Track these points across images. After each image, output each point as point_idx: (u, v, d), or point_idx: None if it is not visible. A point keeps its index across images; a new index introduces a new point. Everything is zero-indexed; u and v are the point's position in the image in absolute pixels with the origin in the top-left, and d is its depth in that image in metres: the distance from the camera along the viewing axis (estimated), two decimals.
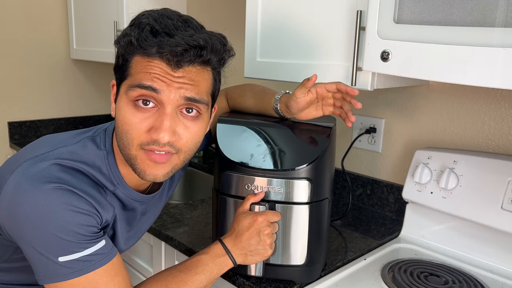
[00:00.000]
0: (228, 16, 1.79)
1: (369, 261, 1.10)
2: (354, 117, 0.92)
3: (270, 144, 0.92)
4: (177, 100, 0.72)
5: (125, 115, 0.73)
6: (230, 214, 0.94)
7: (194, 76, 0.73)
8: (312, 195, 0.91)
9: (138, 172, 0.76)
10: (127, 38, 0.72)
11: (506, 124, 1.13)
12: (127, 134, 0.74)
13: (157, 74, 0.71)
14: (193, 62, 0.72)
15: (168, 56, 0.70)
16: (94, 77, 2.33)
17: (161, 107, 0.72)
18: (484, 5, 0.75)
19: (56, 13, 2.13)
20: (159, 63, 0.71)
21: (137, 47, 0.71)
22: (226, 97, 1.10)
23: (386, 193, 1.38)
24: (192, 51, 0.70)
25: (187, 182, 1.93)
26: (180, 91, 0.72)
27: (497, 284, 1.01)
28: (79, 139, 0.81)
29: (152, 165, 0.75)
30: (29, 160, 0.75)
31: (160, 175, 0.76)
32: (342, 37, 1.04)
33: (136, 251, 1.38)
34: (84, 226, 0.72)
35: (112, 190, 0.81)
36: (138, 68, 0.72)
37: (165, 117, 0.72)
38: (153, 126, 0.72)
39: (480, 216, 1.06)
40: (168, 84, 0.71)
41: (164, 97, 0.71)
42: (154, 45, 0.70)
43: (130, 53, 0.73)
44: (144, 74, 0.71)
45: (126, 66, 0.74)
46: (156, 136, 0.72)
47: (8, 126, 2.08)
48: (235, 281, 0.99)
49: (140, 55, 0.72)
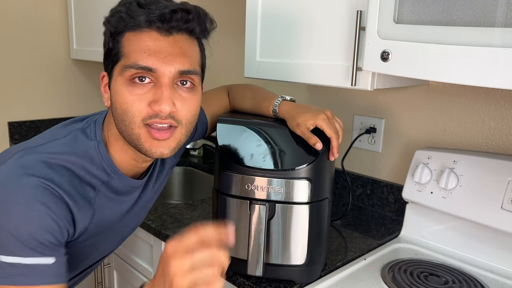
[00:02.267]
0: (228, 16, 1.79)
1: (369, 261, 1.10)
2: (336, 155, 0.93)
3: (270, 144, 0.92)
4: (173, 74, 0.74)
5: (122, 94, 0.75)
6: (230, 214, 0.94)
7: (184, 45, 0.76)
8: (312, 195, 0.91)
9: (144, 151, 0.77)
10: (117, 15, 0.75)
11: (506, 124, 1.13)
12: (127, 113, 0.75)
13: (150, 50, 0.73)
14: (181, 30, 0.75)
15: (158, 24, 0.73)
16: (94, 77, 2.33)
17: (157, 81, 0.74)
18: (484, 5, 0.75)
19: (56, 13, 2.13)
20: (150, 33, 0.73)
21: (127, 20, 0.73)
22: (228, 95, 1.10)
23: (386, 193, 1.38)
24: (180, 13, 0.73)
25: (187, 182, 1.93)
26: (174, 65, 0.74)
27: (497, 284, 1.01)
28: (70, 130, 0.82)
29: (156, 143, 0.77)
30: (19, 152, 0.75)
31: (166, 151, 0.78)
32: (342, 37, 1.04)
33: (136, 251, 1.38)
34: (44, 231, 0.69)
35: (106, 180, 0.82)
36: (130, 46, 0.74)
37: (164, 89, 0.74)
38: (152, 99, 0.74)
39: (480, 216, 1.06)
40: (162, 59, 0.73)
41: (160, 73, 0.74)
42: (143, 14, 0.72)
43: (121, 30, 0.75)
44: (137, 53, 0.73)
45: (117, 47, 0.75)
46: (157, 108, 0.73)
47: (8, 126, 2.08)
48: (235, 281, 0.99)
49: (130, 30, 0.74)
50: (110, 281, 1.53)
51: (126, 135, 0.77)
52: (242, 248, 0.95)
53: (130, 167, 0.85)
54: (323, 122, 0.90)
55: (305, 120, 0.90)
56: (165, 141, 0.77)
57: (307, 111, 0.92)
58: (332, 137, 0.90)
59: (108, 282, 1.54)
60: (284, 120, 0.97)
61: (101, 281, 1.54)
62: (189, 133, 0.81)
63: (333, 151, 0.92)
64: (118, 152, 0.83)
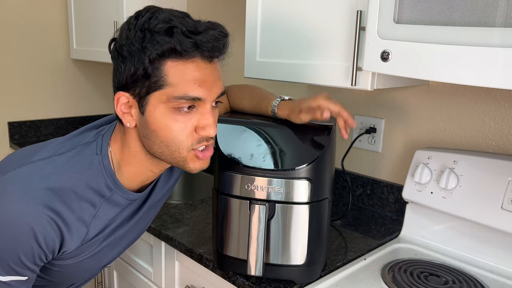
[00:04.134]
0: (228, 16, 1.79)
1: (369, 261, 1.10)
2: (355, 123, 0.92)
3: (270, 144, 0.92)
4: (214, 99, 0.78)
5: (168, 122, 0.75)
6: (230, 214, 0.94)
7: (218, 67, 0.80)
8: (312, 195, 0.91)
9: (189, 169, 0.81)
10: (167, 45, 0.71)
11: (506, 124, 1.13)
12: (175, 140, 0.76)
13: (198, 80, 0.74)
14: (219, 56, 0.78)
15: (203, 54, 0.74)
16: (94, 77, 2.33)
17: (201, 107, 0.77)
18: (484, 5, 0.75)
19: (56, 13, 2.13)
20: (196, 63, 0.74)
21: (179, 52, 0.72)
22: (227, 96, 1.10)
23: (386, 193, 1.38)
24: (222, 41, 0.76)
25: (187, 182, 1.93)
26: (216, 91, 0.77)
27: (497, 284, 1.01)
28: (75, 144, 0.82)
29: (200, 162, 0.81)
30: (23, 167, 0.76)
31: (206, 165, 0.83)
32: (342, 37, 1.04)
33: (136, 251, 1.38)
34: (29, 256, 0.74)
35: (108, 196, 0.82)
36: (178, 76, 0.73)
37: (209, 114, 0.77)
38: (198, 125, 0.77)
39: (480, 216, 1.06)
40: (209, 89, 0.75)
41: (207, 100, 0.76)
42: (192, 45, 0.72)
43: (164, 59, 0.72)
44: (187, 84, 0.73)
45: (159, 75, 0.72)
46: (206, 133, 0.77)
47: (8, 126, 2.08)
48: (235, 281, 0.99)
49: (174, 59, 0.72)
50: (110, 281, 1.53)
51: (170, 158, 0.79)
52: (242, 248, 0.95)
53: (142, 178, 0.86)
54: (326, 101, 0.90)
55: (308, 104, 0.90)
56: (207, 159, 0.82)
57: (306, 99, 0.93)
58: (341, 110, 0.90)
59: (108, 282, 1.54)
60: (284, 120, 0.97)
61: (101, 281, 1.54)
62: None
63: (349, 121, 0.90)
64: (135, 168, 0.83)
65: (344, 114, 0.91)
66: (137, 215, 0.93)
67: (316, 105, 0.89)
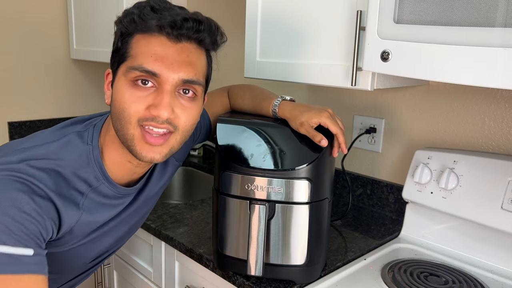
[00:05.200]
0: (228, 16, 1.79)
1: (369, 261, 1.10)
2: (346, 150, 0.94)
3: (270, 144, 0.92)
4: (176, 81, 0.75)
5: (123, 94, 0.75)
6: (230, 214, 0.94)
7: (192, 54, 0.76)
8: (312, 195, 0.91)
9: (135, 153, 0.77)
10: (129, 16, 0.75)
11: (506, 124, 1.13)
12: (125, 112, 0.75)
13: (157, 54, 0.73)
14: (190, 38, 0.76)
15: (168, 30, 0.73)
16: (94, 77, 2.33)
17: (160, 86, 0.75)
18: (484, 5, 0.75)
19: (56, 13, 2.13)
20: (159, 38, 0.74)
21: (138, 22, 0.74)
22: (228, 96, 1.10)
23: (386, 193, 1.38)
24: (191, 22, 0.74)
25: (187, 182, 1.93)
26: (179, 73, 0.74)
27: (497, 284, 1.01)
28: (65, 133, 0.82)
29: (148, 147, 0.77)
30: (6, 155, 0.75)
31: (157, 157, 0.78)
32: (342, 37, 1.04)
33: (136, 251, 1.38)
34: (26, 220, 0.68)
35: (94, 186, 0.81)
36: (138, 48, 0.74)
37: (165, 94, 0.74)
38: (152, 103, 0.74)
39: (480, 216, 1.06)
40: (167, 66, 0.73)
41: (163, 79, 0.74)
42: (155, 18, 0.73)
43: (131, 32, 0.75)
44: (144, 56, 0.73)
45: (126, 48, 0.76)
46: (156, 113, 0.74)
47: (8, 126, 2.08)
48: (235, 281, 0.99)
49: (140, 32, 0.75)
50: (110, 281, 1.53)
51: (121, 134, 0.77)
52: (242, 248, 0.95)
53: (126, 170, 0.85)
54: (327, 120, 0.91)
55: (309, 119, 0.90)
56: (158, 147, 0.77)
57: (309, 110, 0.92)
58: (338, 133, 0.91)
59: (108, 282, 1.54)
60: (284, 120, 0.97)
61: (101, 281, 1.54)
62: (184, 141, 0.81)
63: (342, 146, 0.93)
64: (114, 155, 0.83)
65: (340, 139, 0.92)
66: (130, 209, 0.93)
67: (317, 122, 0.90)
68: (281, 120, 0.97)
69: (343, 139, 0.92)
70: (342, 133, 0.92)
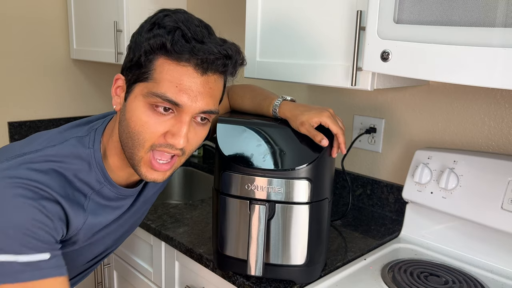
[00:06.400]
0: (228, 16, 1.79)
1: (369, 261, 1.10)
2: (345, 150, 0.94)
3: (270, 144, 0.92)
4: (196, 112, 0.75)
5: (140, 116, 0.74)
6: (230, 214, 0.94)
7: (213, 84, 0.76)
8: (312, 195, 0.91)
9: (139, 173, 0.79)
10: (159, 39, 0.72)
11: (506, 124, 1.13)
12: (140, 135, 0.74)
13: (182, 85, 0.72)
14: (217, 72, 0.75)
15: (198, 62, 0.72)
16: (94, 77, 2.33)
17: (179, 114, 0.74)
18: (484, 5, 0.75)
19: (56, 13, 2.13)
20: (187, 69, 0.72)
21: (169, 49, 0.71)
22: (228, 96, 1.10)
23: (386, 193, 1.38)
24: (221, 60, 0.73)
25: (187, 182, 1.93)
26: (200, 105, 0.74)
27: (497, 284, 1.01)
28: (67, 137, 0.81)
29: (152, 171, 0.78)
30: (9, 161, 0.74)
31: (160, 178, 0.80)
32: (342, 37, 1.04)
33: (136, 251, 1.38)
34: (36, 226, 0.68)
35: (97, 189, 0.82)
36: (163, 74, 0.72)
37: (184, 124, 0.74)
38: (169, 131, 0.74)
39: (480, 216, 1.06)
40: (191, 98, 0.73)
41: (185, 109, 0.73)
42: (187, 51, 0.71)
43: (157, 53, 0.73)
44: (169, 85, 0.72)
45: (148, 67, 0.74)
46: (172, 141, 0.74)
47: (8, 126, 2.08)
48: (235, 281, 0.99)
49: (167, 57, 0.72)
50: (110, 281, 1.53)
51: (128, 152, 0.77)
52: (242, 248, 0.95)
53: (126, 173, 0.86)
54: (328, 119, 0.91)
55: (309, 118, 0.90)
56: (162, 172, 0.79)
57: (309, 110, 0.92)
58: (339, 133, 0.92)
59: (108, 282, 1.54)
60: (284, 120, 0.97)
61: (101, 281, 1.54)
62: (185, 159, 0.82)
63: (341, 146, 0.93)
64: (116, 159, 0.83)
65: (340, 138, 0.92)
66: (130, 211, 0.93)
67: (318, 122, 0.90)
68: (281, 120, 0.97)
69: (343, 139, 0.92)
70: (342, 133, 0.92)
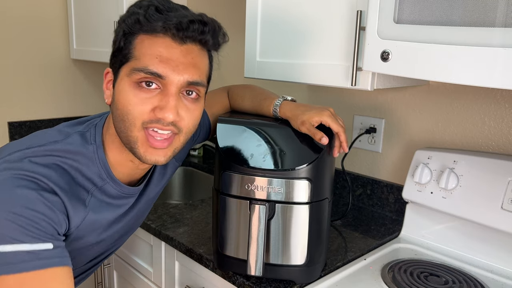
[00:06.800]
0: (228, 16, 1.79)
1: (369, 261, 1.10)
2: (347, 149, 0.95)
3: (270, 144, 0.92)
4: (181, 83, 0.74)
5: (127, 96, 0.74)
6: (230, 214, 0.94)
7: (196, 56, 0.76)
8: (312, 195, 0.91)
9: (139, 155, 0.77)
10: (133, 16, 0.74)
11: (506, 124, 1.13)
12: (129, 115, 0.74)
13: (162, 56, 0.72)
14: (195, 40, 0.75)
15: (173, 31, 0.72)
16: (94, 77, 2.33)
17: (165, 88, 0.74)
18: (484, 5, 0.75)
19: (56, 13, 2.13)
20: (164, 39, 0.73)
21: (143, 23, 0.73)
22: (228, 96, 1.10)
23: (386, 193, 1.38)
24: (196, 24, 0.73)
25: (187, 182, 1.93)
26: (184, 75, 0.74)
27: (497, 284, 1.01)
28: (69, 133, 0.81)
29: (151, 150, 0.77)
30: (12, 155, 0.74)
31: (161, 159, 0.78)
32: (342, 37, 1.04)
33: (136, 251, 1.38)
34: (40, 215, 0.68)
35: (99, 185, 0.81)
36: (142, 49, 0.73)
37: (170, 97, 0.74)
38: (157, 106, 0.74)
39: (480, 216, 1.06)
40: (173, 68, 0.73)
41: (169, 81, 0.73)
42: (160, 19, 0.72)
43: (135, 32, 0.74)
44: (149, 57, 0.73)
45: (129, 48, 0.75)
46: (161, 115, 0.73)
47: (8, 126, 2.08)
48: (235, 281, 0.99)
49: (144, 33, 0.74)
50: (110, 281, 1.53)
51: (124, 136, 0.77)
52: (242, 248, 0.95)
53: (127, 170, 0.85)
54: (329, 118, 0.91)
55: (310, 117, 0.90)
56: (162, 150, 0.77)
57: (310, 109, 0.92)
58: (340, 131, 0.92)
59: (108, 282, 1.54)
60: (284, 120, 0.97)
61: (101, 281, 1.54)
62: (186, 141, 0.81)
63: (343, 144, 0.93)
64: (115, 154, 0.83)
65: (342, 137, 0.93)
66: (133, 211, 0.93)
67: (319, 121, 0.90)
68: (281, 120, 0.97)
69: (344, 137, 0.92)
70: (343, 131, 0.92)
